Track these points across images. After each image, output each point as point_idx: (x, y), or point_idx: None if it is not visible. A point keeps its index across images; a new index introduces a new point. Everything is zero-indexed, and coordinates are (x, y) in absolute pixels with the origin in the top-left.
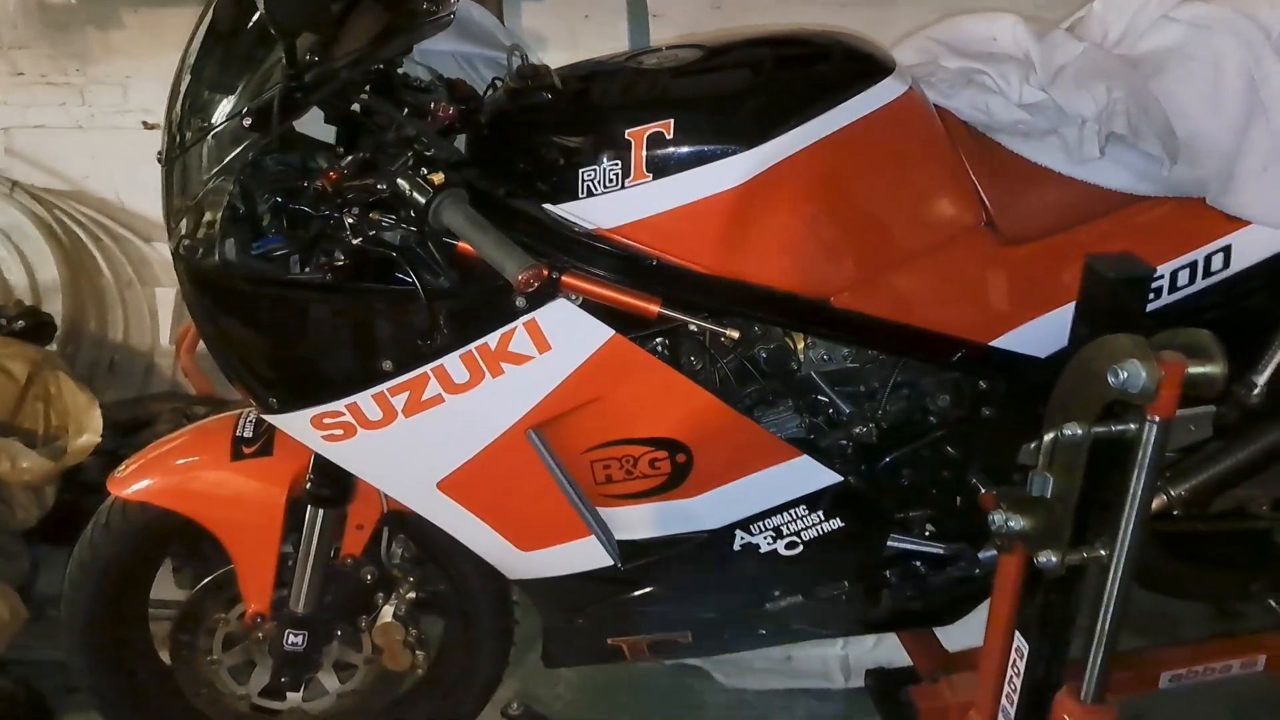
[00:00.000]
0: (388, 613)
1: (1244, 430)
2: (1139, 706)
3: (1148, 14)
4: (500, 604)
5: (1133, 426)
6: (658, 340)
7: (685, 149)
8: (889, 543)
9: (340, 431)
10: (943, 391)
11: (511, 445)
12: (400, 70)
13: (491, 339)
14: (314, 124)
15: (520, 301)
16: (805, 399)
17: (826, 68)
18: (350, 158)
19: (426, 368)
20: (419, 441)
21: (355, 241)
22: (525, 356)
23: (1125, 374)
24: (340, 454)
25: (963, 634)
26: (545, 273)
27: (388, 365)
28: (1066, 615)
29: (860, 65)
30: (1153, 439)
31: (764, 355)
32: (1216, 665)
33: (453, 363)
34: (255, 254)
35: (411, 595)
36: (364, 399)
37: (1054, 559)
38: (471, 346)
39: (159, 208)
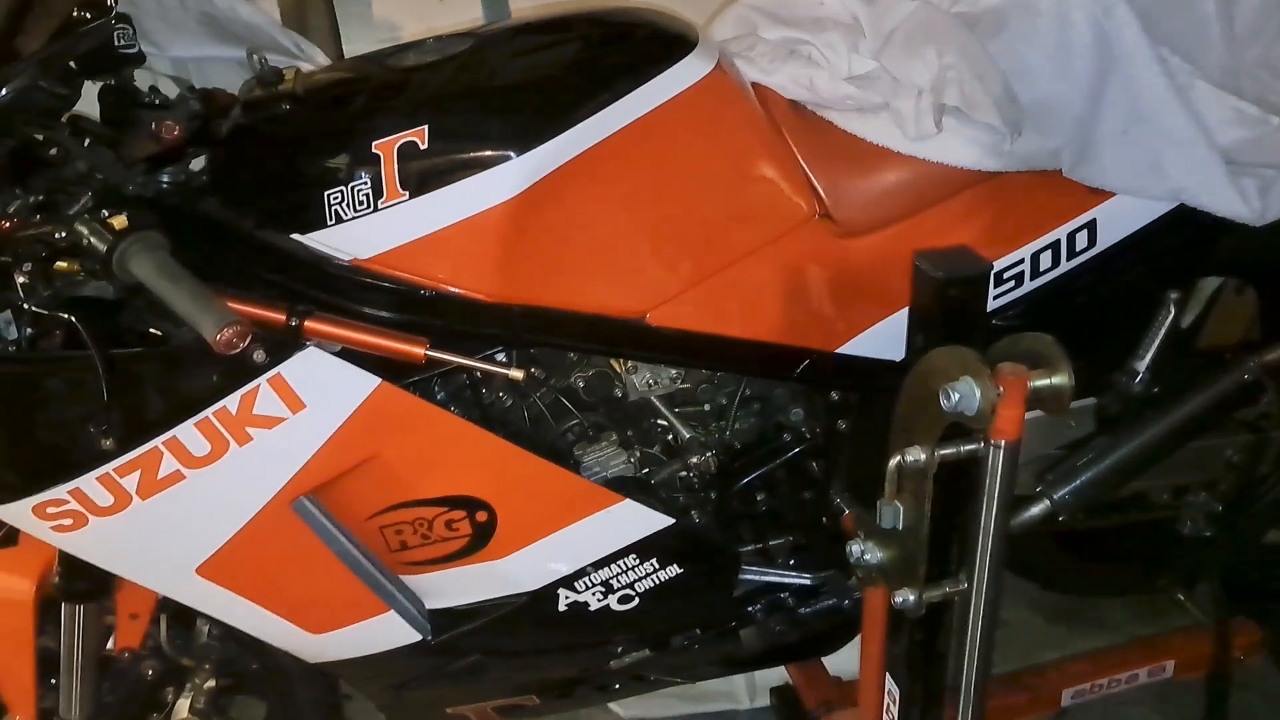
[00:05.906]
0: (183, 707)
1: (1129, 423)
2: None
3: None
4: (319, 678)
5: (980, 446)
6: (464, 377)
7: (444, 159)
8: (751, 576)
9: (69, 521)
10: (796, 404)
11: (277, 519)
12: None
13: (230, 402)
14: None
15: (259, 355)
16: (638, 428)
17: (610, 53)
18: (20, 201)
19: (156, 442)
20: (164, 525)
21: (26, 306)
22: (276, 419)
23: (958, 395)
24: (75, 545)
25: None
26: (250, 329)
27: (108, 443)
28: (933, 655)
29: (654, 46)
30: (1000, 464)
31: (582, 384)
32: (1122, 676)
33: (188, 434)
34: None
35: (210, 684)
36: (88, 483)
37: (910, 598)
38: (207, 413)
39: None
